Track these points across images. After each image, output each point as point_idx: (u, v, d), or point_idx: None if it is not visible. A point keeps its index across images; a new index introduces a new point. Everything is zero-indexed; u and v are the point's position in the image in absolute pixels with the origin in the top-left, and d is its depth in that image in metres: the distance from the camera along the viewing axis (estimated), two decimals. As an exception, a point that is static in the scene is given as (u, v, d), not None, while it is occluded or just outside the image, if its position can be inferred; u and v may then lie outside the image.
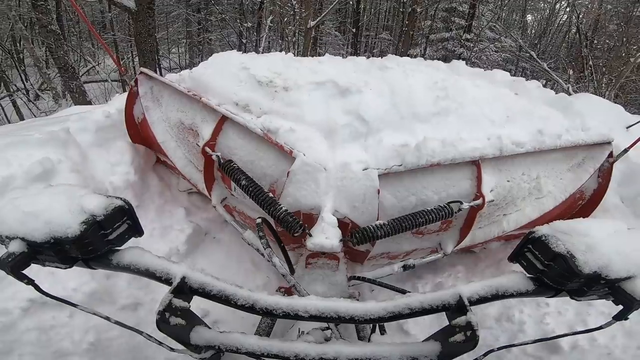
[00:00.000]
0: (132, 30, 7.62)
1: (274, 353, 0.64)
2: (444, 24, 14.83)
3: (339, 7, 14.41)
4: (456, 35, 14.05)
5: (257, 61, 1.74)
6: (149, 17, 6.60)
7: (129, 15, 6.77)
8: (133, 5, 6.33)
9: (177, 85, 1.63)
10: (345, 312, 0.66)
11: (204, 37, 14.51)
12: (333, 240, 1.11)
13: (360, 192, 1.33)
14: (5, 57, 10.82)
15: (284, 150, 1.39)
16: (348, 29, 16.80)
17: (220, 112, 1.48)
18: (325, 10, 10.05)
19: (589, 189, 1.65)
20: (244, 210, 1.66)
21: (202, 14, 14.73)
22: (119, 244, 0.72)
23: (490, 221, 1.61)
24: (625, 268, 0.60)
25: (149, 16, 6.56)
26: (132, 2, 6.32)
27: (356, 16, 15.72)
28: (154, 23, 7.21)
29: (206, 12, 14.51)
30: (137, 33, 6.73)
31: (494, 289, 0.68)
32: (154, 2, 7.17)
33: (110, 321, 0.74)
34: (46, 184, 0.72)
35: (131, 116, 1.82)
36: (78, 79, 8.13)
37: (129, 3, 6.31)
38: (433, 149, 1.36)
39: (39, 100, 10.80)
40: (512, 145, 1.41)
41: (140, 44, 6.82)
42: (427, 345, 0.66)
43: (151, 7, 6.67)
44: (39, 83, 11.58)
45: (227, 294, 0.68)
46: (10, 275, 0.64)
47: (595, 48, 9.73)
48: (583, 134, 1.53)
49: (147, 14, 6.52)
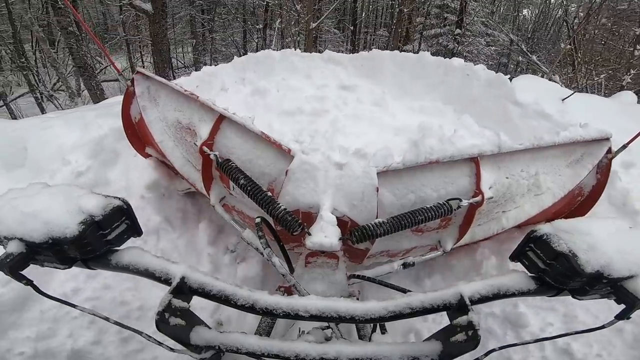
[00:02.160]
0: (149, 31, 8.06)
1: (275, 353, 0.64)
2: (437, 20, 15.64)
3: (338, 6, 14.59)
4: (448, 31, 14.99)
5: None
6: (163, 18, 7.23)
7: (147, 17, 7.25)
8: (150, 8, 6.87)
9: (173, 84, 1.62)
10: (346, 312, 0.66)
11: (212, 38, 15.20)
12: (332, 239, 1.10)
13: (359, 190, 1.32)
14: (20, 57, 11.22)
15: (283, 149, 1.38)
16: (346, 26, 17.39)
17: (217, 111, 1.48)
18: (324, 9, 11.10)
19: (587, 185, 1.65)
20: (243, 209, 1.65)
21: (210, 15, 15.41)
22: (117, 244, 0.72)
23: (490, 218, 1.61)
24: (627, 267, 0.60)
25: (162, 18, 7.18)
26: (149, 5, 6.86)
27: (354, 15, 16.41)
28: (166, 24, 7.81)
29: (214, 13, 15.23)
30: (154, 34, 7.32)
31: (496, 288, 0.67)
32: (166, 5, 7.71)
33: (110, 321, 0.73)
34: (44, 184, 0.72)
35: (128, 116, 1.81)
36: (97, 78, 8.79)
37: (146, 6, 6.84)
38: (431, 146, 1.36)
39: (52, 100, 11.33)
40: (511, 142, 1.41)
41: (156, 44, 7.40)
42: (428, 344, 0.66)
43: (164, 10, 7.26)
44: (51, 83, 11.98)
45: (227, 294, 0.68)
46: (9, 276, 0.64)
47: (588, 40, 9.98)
48: (581, 130, 1.53)
49: (161, 16, 7.09)
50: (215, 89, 3.03)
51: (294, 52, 3.64)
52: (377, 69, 3.53)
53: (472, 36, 14.97)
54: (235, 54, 14.54)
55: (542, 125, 2.57)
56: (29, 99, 11.50)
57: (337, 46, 16.23)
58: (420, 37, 15.99)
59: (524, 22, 21.33)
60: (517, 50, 12.36)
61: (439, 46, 14.88)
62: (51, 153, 1.97)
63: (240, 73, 3.33)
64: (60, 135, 2.08)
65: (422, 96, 3.28)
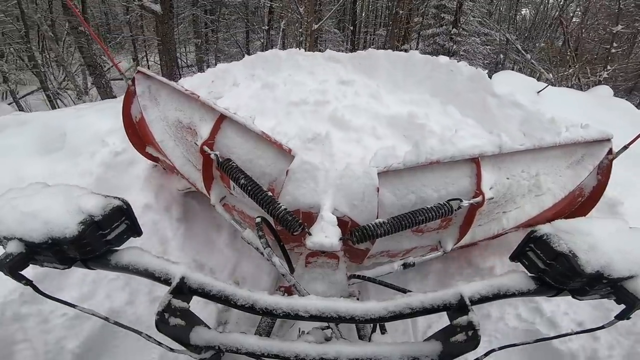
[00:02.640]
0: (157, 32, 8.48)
1: (274, 353, 0.64)
2: (434, 20, 15.98)
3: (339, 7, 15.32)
4: (445, 31, 15.25)
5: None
6: (170, 19, 7.74)
7: (155, 17, 7.71)
8: (159, 9, 7.31)
9: (174, 84, 1.62)
10: (346, 312, 0.66)
11: (216, 37, 15.83)
12: (332, 239, 1.10)
13: (359, 191, 1.32)
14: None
15: (283, 149, 1.38)
16: (346, 26, 17.90)
17: (218, 110, 1.48)
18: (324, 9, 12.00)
19: (588, 186, 1.65)
20: (243, 209, 1.65)
21: (214, 15, 15.85)
22: (117, 244, 0.72)
23: (490, 219, 1.60)
24: (628, 267, 0.60)
25: (170, 18, 7.66)
26: (158, 6, 7.30)
27: (354, 15, 16.90)
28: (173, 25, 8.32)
29: (218, 14, 15.76)
30: (163, 34, 7.74)
31: (495, 288, 0.67)
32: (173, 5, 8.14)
33: (109, 321, 0.73)
34: (44, 184, 0.72)
35: (129, 115, 1.80)
36: (105, 76, 9.20)
37: (155, 7, 7.29)
38: (432, 146, 1.36)
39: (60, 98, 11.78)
40: (512, 143, 1.41)
41: (165, 44, 7.84)
42: (428, 345, 0.65)
43: (171, 10, 7.72)
44: (58, 81, 12.36)
45: (227, 294, 0.68)
46: (8, 276, 0.64)
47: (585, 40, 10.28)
48: (582, 131, 1.53)
49: (169, 17, 7.54)
50: (228, 84, 3.47)
51: (298, 51, 4.07)
52: (373, 66, 3.88)
53: (469, 35, 15.37)
54: (238, 53, 15.15)
55: (516, 113, 2.97)
56: (38, 96, 11.80)
57: (337, 45, 16.59)
58: (418, 37, 16.56)
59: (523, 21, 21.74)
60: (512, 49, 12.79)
61: (436, 45, 15.21)
62: (89, 137, 2.18)
63: (250, 70, 3.78)
64: (96, 122, 2.29)
65: (412, 90, 3.61)
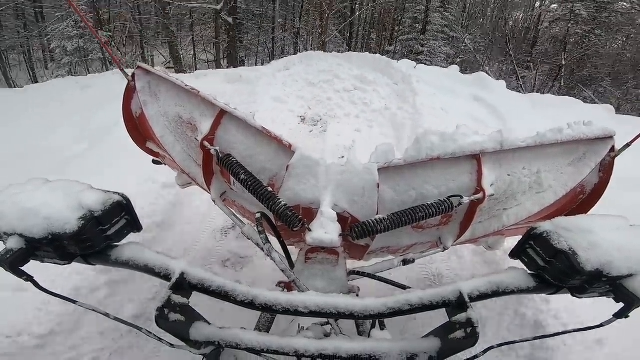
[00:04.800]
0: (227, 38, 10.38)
1: (274, 349, 0.64)
2: (409, 28, 22.59)
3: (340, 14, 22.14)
4: (416, 36, 21.45)
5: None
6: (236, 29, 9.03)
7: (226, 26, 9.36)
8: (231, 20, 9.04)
9: (175, 79, 1.62)
10: (345, 308, 0.66)
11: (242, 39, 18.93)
12: (332, 235, 1.10)
13: (359, 186, 1.32)
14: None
15: (283, 144, 1.38)
16: (344, 33, 24.19)
17: (219, 106, 1.47)
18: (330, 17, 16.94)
19: (590, 183, 1.64)
20: (244, 204, 1.65)
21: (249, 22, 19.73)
22: (117, 239, 0.72)
23: (491, 215, 1.60)
24: (627, 265, 0.59)
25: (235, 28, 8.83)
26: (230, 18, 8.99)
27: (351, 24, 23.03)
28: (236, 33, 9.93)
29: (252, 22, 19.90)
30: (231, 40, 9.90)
31: (495, 285, 0.67)
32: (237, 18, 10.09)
33: (110, 317, 0.73)
34: (44, 180, 0.72)
35: (129, 111, 1.80)
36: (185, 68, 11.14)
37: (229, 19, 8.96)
38: (432, 142, 1.35)
39: None
40: (513, 139, 1.40)
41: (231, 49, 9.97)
42: (426, 341, 0.66)
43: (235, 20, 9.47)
44: None
45: (227, 290, 0.68)
46: (9, 272, 0.64)
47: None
48: (585, 128, 1.52)
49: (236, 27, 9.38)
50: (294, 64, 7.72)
51: (314, 52, 8.62)
52: (353, 59, 8.29)
53: (433, 40, 21.16)
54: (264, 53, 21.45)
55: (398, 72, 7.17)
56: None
57: (338, 46, 22.33)
58: (396, 41, 23.79)
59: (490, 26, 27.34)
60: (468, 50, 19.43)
61: (410, 47, 21.68)
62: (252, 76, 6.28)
63: (285, 64, 7.56)
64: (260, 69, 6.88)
65: (364, 67, 7.83)
